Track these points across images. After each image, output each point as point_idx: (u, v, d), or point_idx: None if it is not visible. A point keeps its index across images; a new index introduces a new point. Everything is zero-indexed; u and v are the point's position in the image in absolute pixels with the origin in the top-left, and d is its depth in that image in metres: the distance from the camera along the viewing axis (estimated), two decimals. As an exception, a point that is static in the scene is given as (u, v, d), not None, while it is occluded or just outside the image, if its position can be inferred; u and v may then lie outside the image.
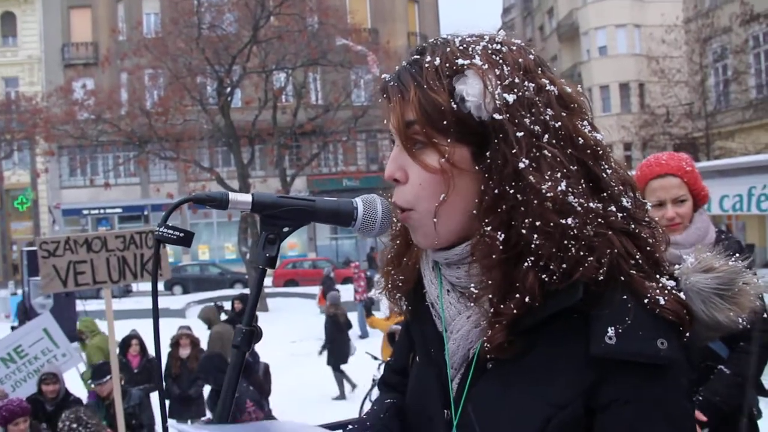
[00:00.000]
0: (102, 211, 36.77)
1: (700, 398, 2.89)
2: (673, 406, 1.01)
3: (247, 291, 18.52)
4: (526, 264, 1.02)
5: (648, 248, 1.08)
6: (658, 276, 1.07)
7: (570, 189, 1.02)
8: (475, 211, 1.07)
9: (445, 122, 1.05)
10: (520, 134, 1.03)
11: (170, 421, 0.91)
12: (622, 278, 1.03)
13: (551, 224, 1.00)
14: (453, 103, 1.05)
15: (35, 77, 37.24)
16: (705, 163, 16.17)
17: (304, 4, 22.89)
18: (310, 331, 17.42)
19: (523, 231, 1.02)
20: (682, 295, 1.06)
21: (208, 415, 7.69)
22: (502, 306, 1.04)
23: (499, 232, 1.03)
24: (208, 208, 1.11)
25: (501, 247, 1.03)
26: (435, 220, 1.09)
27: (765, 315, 1.31)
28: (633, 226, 1.08)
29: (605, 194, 1.07)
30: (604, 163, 1.09)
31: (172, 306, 22.69)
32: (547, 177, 1.02)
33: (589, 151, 1.07)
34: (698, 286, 1.13)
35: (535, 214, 1.01)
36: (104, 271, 5.56)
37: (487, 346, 1.06)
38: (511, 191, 1.02)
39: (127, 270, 5.67)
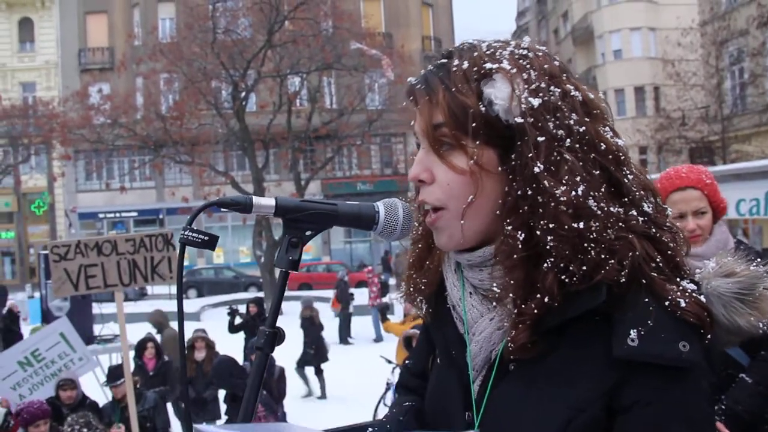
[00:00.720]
0: (117, 214, 37.03)
1: (723, 407, 2.88)
2: (694, 408, 1.02)
3: (261, 295, 18.56)
4: (546, 265, 1.03)
5: (669, 252, 1.09)
6: (678, 279, 1.07)
7: (590, 193, 1.04)
8: (498, 212, 1.08)
9: (474, 125, 1.07)
10: (541, 138, 1.04)
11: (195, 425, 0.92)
12: (644, 281, 1.03)
13: (565, 227, 1.02)
14: (481, 106, 1.07)
15: (52, 82, 37.59)
16: (721, 167, 16.07)
17: (318, 9, 22.96)
18: (325, 334, 17.43)
19: (538, 233, 1.03)
20: (702, 298, 1.07)
21: (224, 418, 7.71)
22: (524, 306, 1.05)
23: (520, 233, 1.05)
24: (228, 212, 1.13)
25: (521, 247, 1.05)
26: (462, 222, 1.11)
27: None
28: (654, 230, 1.08)
29: (627, 199, 1.08)
30: (625, 168, 1.11)
31: (187, 309, 22.77)
32: (564, 181, 1.03)
33: (611, 157, 1.09)
34: (719, 290, 1.14)
35: (549, 217, 1.03)
36: (115, 275, 5.61)
37: (510, 346, 1.07)
38: (530, 193, 1.04)
39: (138, 273, 5.71)
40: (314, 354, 11.81)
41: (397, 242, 1.29)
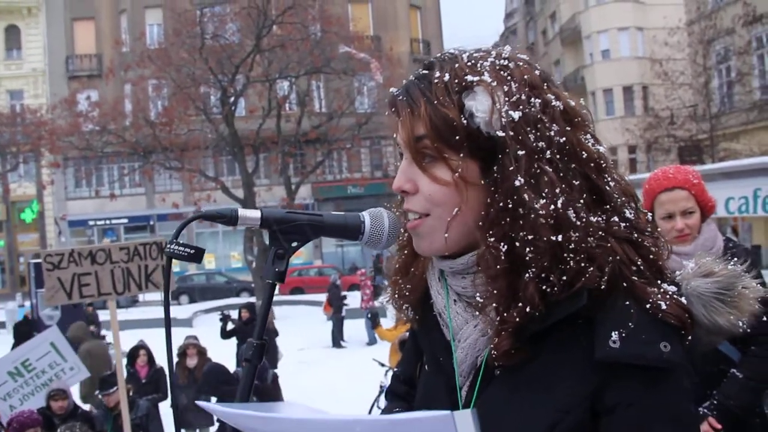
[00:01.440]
0: (108, 221, 36.88)
1: (714, 402, 2.92)
2: (677, 408, 1.03)
3: (253, 300, 18.53)
4: (527, 275, 1.04)
5: (651, 256, 1.10)
6: (659, 282, 1.09)
7: (569, 205, 1.05)
8: (480, 223, 1.09)
9: (457, 137, 1.08)
10: (521, 152, 1.06)
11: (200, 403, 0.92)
12: (625, 284, 1.05)
13: (543, 239, 1.03)
14: (463, 118, 1.08)
15: (40, 90, 37.42)
16: (710, 165, 16.15)
17: (306, 13, 22.95)
18: (317, 339, 17.44)
19: (517, 244, 1.04)
20: (683, 299, 1.08)
21: (216, 425, 7.69)
22: (506, 314, 1.06)
23: (502, 244, 1.06)
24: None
25: (504, 258, 1.05)
26: (446, 234, 1.12)
27: (765, 318, 1.33)
28: (636, 235, 1.10)
29: (608, 206, 1.10)
30: (606, 175, 1.12)
31: (179, 315, 22.73)
32: (543, 194, 1.04)
33: (592, 165, 1.10)
34: (699, 290, 1.16)
35: (528, 229, 1.04)
36: (109, 283, 5.59)
37: (494, 354, 1.08)
38: (510, 206, 1.05)
39: (132, 281, 5.69)
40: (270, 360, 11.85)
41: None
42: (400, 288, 1.30)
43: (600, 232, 1.06)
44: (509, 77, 1.10)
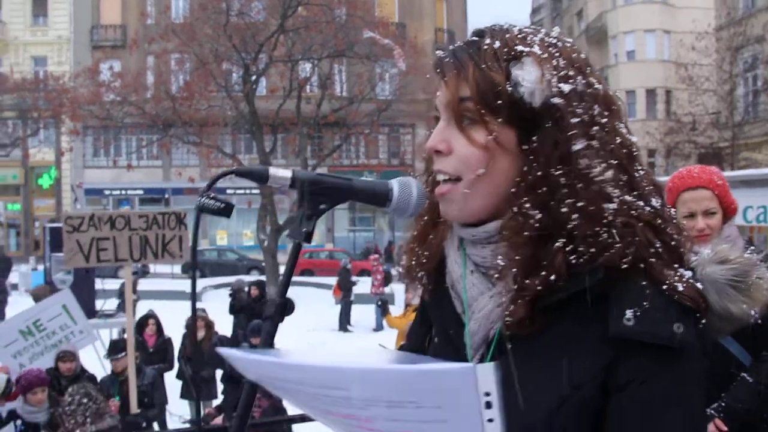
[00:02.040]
0: (123, 192, 37.13)
1: (723, 404, 2.92)
2: (687, 389, 1.04)
3: (263, 278, 18.61)
4: (557, 244, 1.06)
5: (672, 242, 1.11)
6: (676, 266, 1.10)
7: (612, 178, 1.08)
8: (513, 190, 1.11)
9: (499, 102, 1.09)
10: (575, 120, 1.08)
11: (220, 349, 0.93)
12: (642, 265, 1.06)
13: (593, 207, 1.05)
14: (508, 85, 1.09)
15: (64, 57, 37.60)
16: (731, 172, 16.01)
17: (332, -5, 22.89)
18: (325, 321, 17.51)
19: (563, 210, 1.06)
20: (698, 284, 1.09)
21: (220, 397, 7.75)
22: (527, 281, 1.07)
23: (537, 212, 1.07)
24: (233, 194, 1.14)
25: (535, 225, 1.07)
26: (468, 191, 1.14)
27: None
28: (659, 221, 1.11)
29: (636, 193, 1.11)
30: (637, 164, 1.14)
31: (188, 289, 22.67)
32: (595, 163, 1.07)
33: (625, 151, 1.13)
34: (713, 276, 1.18)
35: (578, 196, 1.06)
36: (126, 249, 5.65)
37: (508, 321, 1.09)
38: (557, 173, 1.07)
39: (149, 249, 5.76)
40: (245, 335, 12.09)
41: (402, 233, 1.30)
42: (417, 255, 1.30)
43: (632, 212, 1.08)
44: (557, 54, 1.12)
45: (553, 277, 1.05)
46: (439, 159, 1.17)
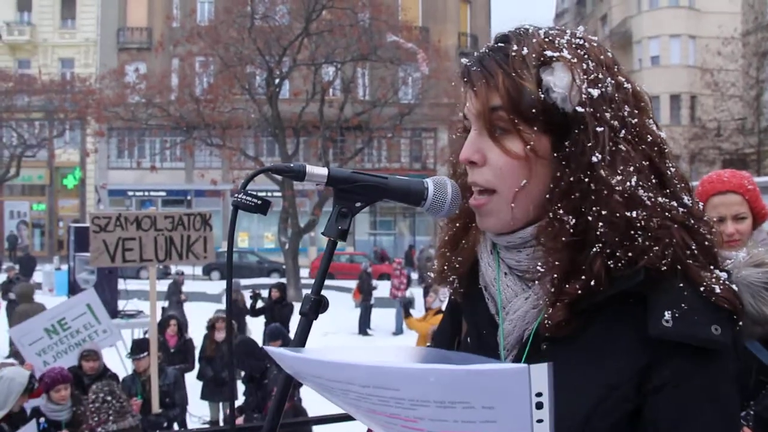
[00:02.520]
0: (146, 193, 37.43)
1: (752, 412, 2.87)
2: (723, 390, 1.05)
3: (284, 280, 18.68)
4: (594, 250, 1.05)
5: (706, 243, 1.11)
6: (712, 267, 1.10)
7: (640, 183, 1.07)
8: (548, 196, 1.10)
9: (533, 111, 1.08)
10: (599, 129, 1.07)
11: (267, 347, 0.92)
12: (679, 267, 1.06)
13: (617, 215, 1.04)
14: (540, 92, 1.08)
15: (90, 59, 38.07)
16: (758, 178, 15.78)
17: (356, -1, 22.99)
18: (344, 324, 17.50)
19: (590, 219, 1.05)
20: (734, 287, 1.09)
21: (241, 398, 7.77)
22: (567, 286, 1.06)
23: (570, 217, 1.07)
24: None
25: (571, 231, 1.06)
26: (513, 204, 1.12)
27: None
28: (692, 221, 1.11)
29: (668, 191, 1.11)
30: (668, 161, 1.13)
31: (209, 291, 23.00)
32: (619, 171, 1.06)
33: (656, 149, 1.12)
34: (749, 279, 1.19)
35: (602, 204, 1.05)
36: (151, 250, 5.69)
37: (547, 323, 1.08)
38: (585, 180, 1.06)
39: (173, 250, 5.79)
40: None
41: (423, 237, 1.30)
42: (449, 260, 1.30)
43: (666, 213, 1.08)
44: (586, 56, 1.11)
45: (593, 282, 1.04)
46: (473, 170, 1.16)
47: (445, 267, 1.30)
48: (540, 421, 0.80)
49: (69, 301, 8.12)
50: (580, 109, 1.06)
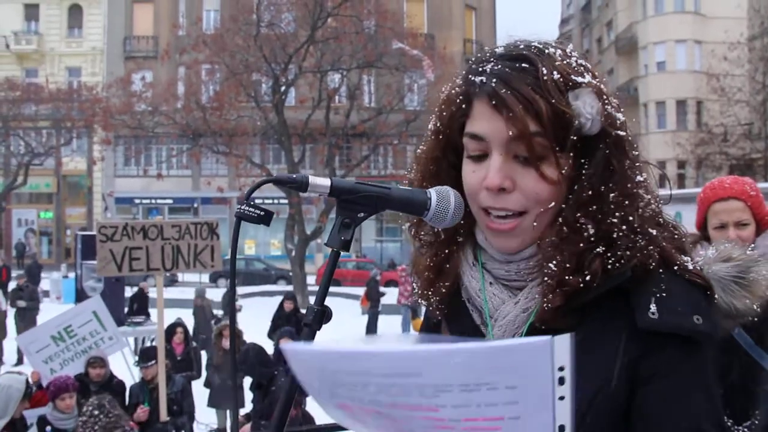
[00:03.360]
0: (153, 201, 37.54)
1: (756, 421, 2.85)
2: (707, 377, 1.09)
3: (290, 288, 18.68)
4: (597, 250, 1.09)
5: (676, 236, 1.18)
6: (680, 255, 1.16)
7: (647, 191, 1.15)
8: (563, 206, 1.14)
9: (572, 137, 1.10)
10: (628, 149, 1.15)
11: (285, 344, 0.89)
12: (659, 255, 1.12)
13: (629, 218, 1.10)
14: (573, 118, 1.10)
15: (97, 68, 38.28)
16: (762, 184, 15.74)
17: (362, 6, 23.04)
18: (351, 331, 17.49)
19: (609, 222, 1.10)
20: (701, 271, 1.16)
21: (248, 406, 7.78)
22: (569, 278, 1.09)
23: (590, 225, 1.10)
24: (263, 203, 1.14)
25: (591, 239, 1.10)
26: (535, 223, 1.14)
27: None
28: (665, 218, 1.19)
29: (650, 196, 1.17)
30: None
31: (216, 298, 22.95)
32: (638, 181, 1.14)
33: (637, 163, 1.18)
34: (719, 274, 1.24)
35: (627, 211, 1.10)
36: (158, 259, 5.71)
37: (547, 306, 1.10)
38: (608, 192, 1.11)
39: (180, 259, 5.81)
40: (204, 341, 12.15)
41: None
42: (435, 285, 1.29)
43: (657, 218, 1.16)
44: (599, 83, 1.15)
45: (588, 278, 1.08)
46: (502, 197, 1.14)
47: (430, 292, 1.30)
48: (562, 398, 0.80)
49: (75, 309, 8.15)
50: (620, 132, 1.13)
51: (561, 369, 0.79)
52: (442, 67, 23.78)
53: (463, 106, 1.17)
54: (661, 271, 1.10)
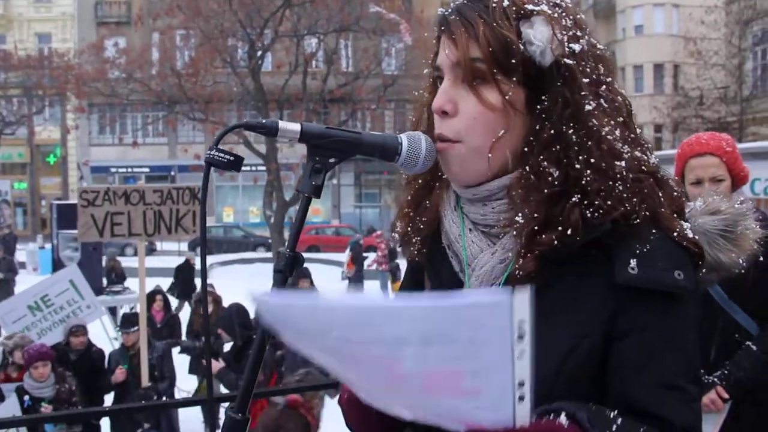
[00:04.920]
0: (129, 169, 37.16)
1: (725, 372, 2.90)
2: (686, 335, 1.09)
3: (270, 254, 18.66)
4: (573, 200, 1.06)
5: (674, 193, 1.15)
6: (677, 217, 1.14)
7: (620, 135, 1.11)
8: (526, 149, 1.11)
9: (513, 61, 1.08)
10: (586, 80, 1.09)
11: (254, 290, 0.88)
12: (647, 214, 1.09)
13: (603, 164, 1.07)
14: (520, 44, 1.09)
15: (68, 34, 37.49)
16: (739, 144, 15.90)
17: (337, -30, 22.70)
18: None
19: (577, 167, 1.07)
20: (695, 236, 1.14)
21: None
22: (542, 237, 1.07)
23: (554, 168, 1.08)
24: (239, 172, 1.12)
25: (555, 183, 1.07)
26: (490, 155, 1.12)
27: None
28: (661, 174, 1.15)
29: (641, 148, 1.15)
30: (634, 123, 1.18)
31: (196, 266, 22.92)
32: (604, 123, 1.09)
33: (625, 110, 1.16)
34: (705, 227, 1.23)
35: (589, 154, 1.07)
36: (140, 224, 5.68)
37: (519, 273, 1.09)
38: (570, 131, 1.08)
39: (162, 224, 5.79)
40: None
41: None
42: (413, 220, 1.29)
43: (642, 166, 1.12)
44: (563, 13, 1.12)
45: (569, 232, 1.06)
46: (443, 121, 1.15)
47: (409, 228, 1.29)
48: (521, 354, 0.81)
49: (52, 278, 8.09)
50: (568, 60, 1.08)
51: (521, 323, 0.79)
52: (420, 31, 23.56)
53: (434, 42, 1.19)
54: (648, 231, 1.08)
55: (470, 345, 0.81)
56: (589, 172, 1.06)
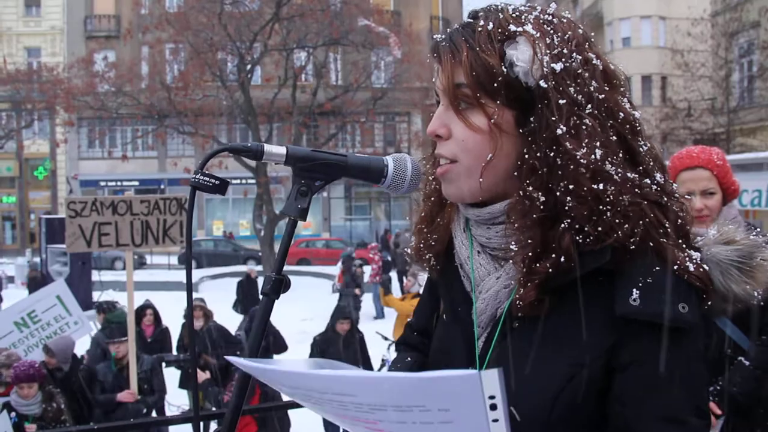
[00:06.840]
0: (119, 183, 36.98)
1: (718, 387, 2.90)
2: (690, 368, 1.06)
3: (260, 268, 18.60)
4: (562, 226, 1.05)
5: (678, 220, 1.11)
6: (684, 246, 1.10)
7: (607, 158, 1.07)
8: (516, 173, 1.11)
9: (495, 85, 1.09)
10: (562, 102, 1.07)
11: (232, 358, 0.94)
12: (651, 244, 1.06)
13: (584, 189, 1.04)
14: (503, 67, 1.08)
15: (57, 48, 37.38)
16: (727, 156, 16.01)
17: (327, -17, 22.78)
18: (321, 311, 17.45)
19: (558, 194, 1.05)
20: (705, 266, 1.10)
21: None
22: (537, 265, 1.06)
23: (540, 193, 1.07)
24: (230, 185, 1.13)
25: (541, 207, 1.06)
26: (481, 179, 1.13)
27: None
28: (665, 198, 1.11)
29: (641, 168, 1.11)
30: (640, 138, 1.14)
31: (185, 279, 22.83)
32: (584, 144, 1.05)
33: (628, 126, 1.12)
34: (718, 257, 1.17)
35: (569, 178, 1.05)
36: (128, 234, 5.68)
37: (519, 304, 1.08)
38: (550, 155, 1.06)
39: (150, 234, 5.78)
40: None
41: (399, 221, 1.31)
42: (425, 237, 1.31)
43: (636, 190, 1.08)
44: (552, 31, 1.11)
45: (562, 259, 1.05)
46: (440, 144, 1.17)
47: (422, 244, 1.31)
48: (496, 420, 0.81)
49: (38, 293, 8.01)
50: (543, 83, 1.07)
51: (492, 397, 0.79)
52: (409, 44, 23.71)
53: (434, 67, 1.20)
54: (653, 263, 1.05)
55: (444, 411, 0.83)
56: (569, 198, 1.05)
